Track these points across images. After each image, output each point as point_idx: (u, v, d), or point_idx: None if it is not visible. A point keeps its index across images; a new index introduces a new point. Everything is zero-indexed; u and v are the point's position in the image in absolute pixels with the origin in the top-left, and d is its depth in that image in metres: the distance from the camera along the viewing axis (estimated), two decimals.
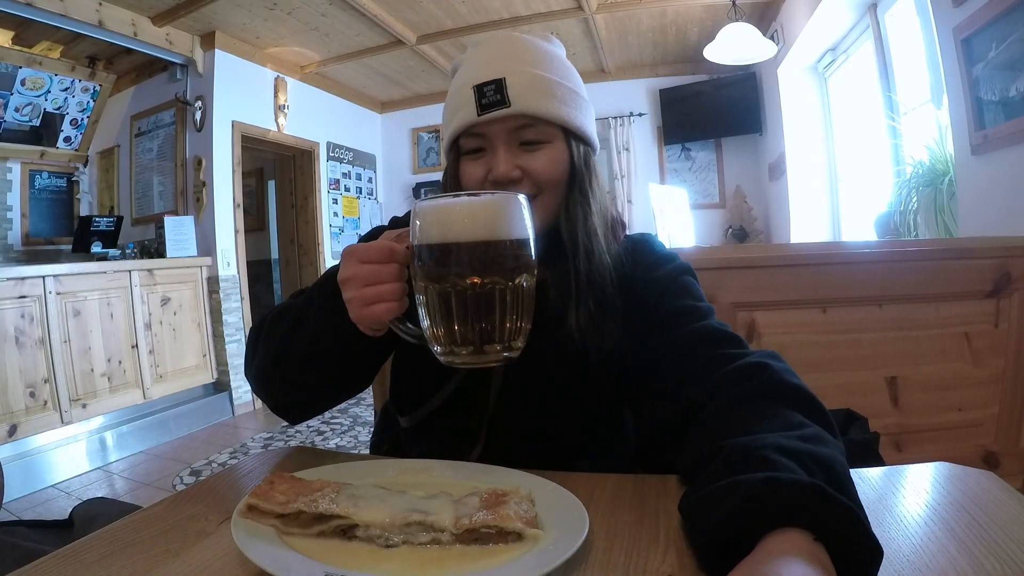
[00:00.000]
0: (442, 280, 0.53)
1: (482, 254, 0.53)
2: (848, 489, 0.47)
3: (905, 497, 0.59)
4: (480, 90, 0.73)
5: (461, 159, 0.78)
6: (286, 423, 3.90)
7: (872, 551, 0.42)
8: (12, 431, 2.84)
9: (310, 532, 0.54)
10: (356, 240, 0.89)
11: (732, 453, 0.51)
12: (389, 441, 0.92)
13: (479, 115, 0.73)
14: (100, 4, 3.46)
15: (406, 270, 0.60)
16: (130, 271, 3.56)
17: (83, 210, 4.41)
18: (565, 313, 0.76)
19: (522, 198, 0.58)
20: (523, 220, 0.57)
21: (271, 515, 0.55)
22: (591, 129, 0.81)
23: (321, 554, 0.51)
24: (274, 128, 4.70)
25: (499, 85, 0.72)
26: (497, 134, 0.74)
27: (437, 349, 0.57)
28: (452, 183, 0.79)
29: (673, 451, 0.64)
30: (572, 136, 0.77)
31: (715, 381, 0.64)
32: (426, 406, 0.81)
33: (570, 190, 0.78)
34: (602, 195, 0.80)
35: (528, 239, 0.57)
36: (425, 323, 0.56)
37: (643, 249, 0.85)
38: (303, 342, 0.71)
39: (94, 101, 4.17)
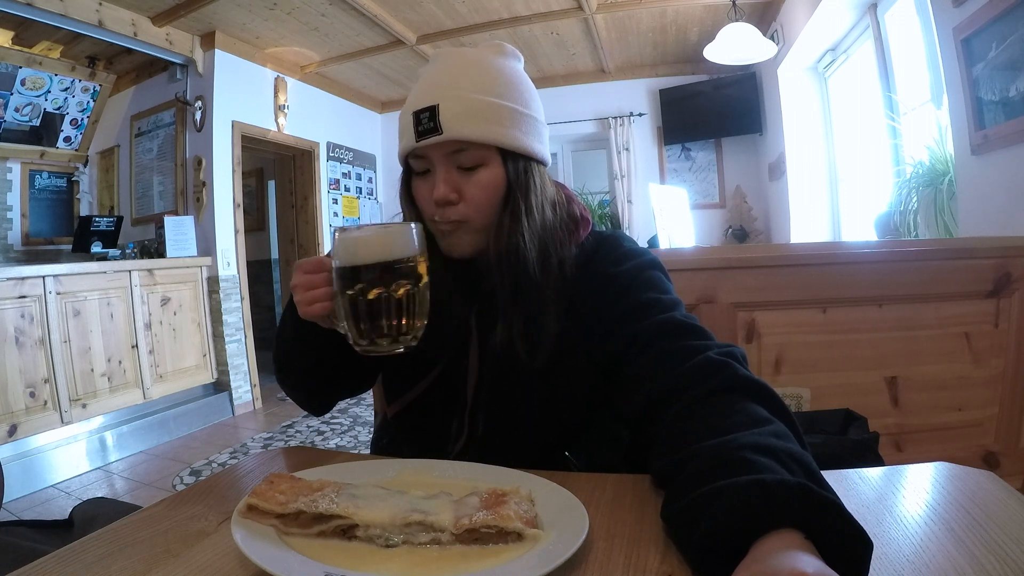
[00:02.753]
0: (347, 291, 0.68)
1: (373, 272, 0.67)
2: (825, 485, 0.48)
3: (905, 497, 0.59)
4: (417, 117, 0.78)
5: (413, 177, 0.84)
6: (286, 423, 3.90)
7: (862, 543, 0.43)
8: (12, 431, 2.84)
9: (310, 532, 0.54)
10: None
11: (709, 456, 0.52)
12: (389, 435, 0.95)
13: (416, 141, 0.78)
14: (100, 4, 3.46)
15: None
16: (130, 271, 3.56)
17: (83, 210, 4.41)
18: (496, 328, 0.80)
19: (412, 227, 0.70)
20: (409, 242, 0.69)
21: (271, 515, 0.55)
22: (532, 144, 0.82)
23: (321, 554, 0.51)
24: (274, 128, 4.70)
25: (433, 112, 0.76)
26: (437, 157, 0.79)
27: (351, 341, 0.69)
28: (405, 199, 0.86)
29: (644, 445, 0.66)
30: (509, 155, 0.80)
31: (678, 376, 0.66)
32: (406, 396, 0.88)
33: (503, 210, 0.80)
34: (542, 209, 0.82)
35: (412, 255, 0.69)
36: (341, 322, 0.70)
37: (609, 245, 0.87)
38: (287, 335, 0.84)
39: (94, 101, 4.17)
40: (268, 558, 0.49)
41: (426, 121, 0.77)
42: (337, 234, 0.70)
